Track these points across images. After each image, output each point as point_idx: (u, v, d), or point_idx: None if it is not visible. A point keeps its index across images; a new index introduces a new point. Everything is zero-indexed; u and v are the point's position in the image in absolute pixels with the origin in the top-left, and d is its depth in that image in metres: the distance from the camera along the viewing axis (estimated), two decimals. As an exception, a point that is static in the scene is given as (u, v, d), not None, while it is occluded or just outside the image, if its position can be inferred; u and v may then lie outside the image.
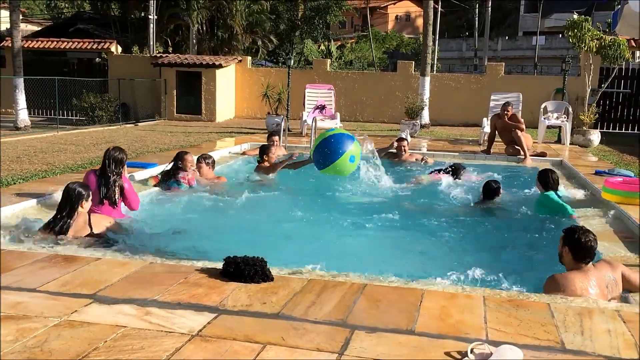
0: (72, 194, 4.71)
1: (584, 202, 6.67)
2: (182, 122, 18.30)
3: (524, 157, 10.01)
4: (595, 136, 12.93)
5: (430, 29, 17.55)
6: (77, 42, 20.96)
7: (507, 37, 45.23)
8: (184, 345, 2.69)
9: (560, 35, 36.45)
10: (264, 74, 19.91)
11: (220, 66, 18.95)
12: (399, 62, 20.55)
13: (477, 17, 39.64)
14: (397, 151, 9.45)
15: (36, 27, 32.92)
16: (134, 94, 19.11)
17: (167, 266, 3.86)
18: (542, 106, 13.67)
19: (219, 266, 3.72)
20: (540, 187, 6.24)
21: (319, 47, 33.00)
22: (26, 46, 19.57)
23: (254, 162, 9.31)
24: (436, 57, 30.56)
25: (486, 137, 11.61)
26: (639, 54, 18.85)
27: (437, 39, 34.18)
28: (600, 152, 11.89)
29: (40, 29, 30.14)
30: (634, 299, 3.57)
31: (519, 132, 10.20)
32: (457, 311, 3.16)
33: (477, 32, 40.62)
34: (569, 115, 13.06)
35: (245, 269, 3.53)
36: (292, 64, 15.92)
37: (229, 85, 19.88)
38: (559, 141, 13.21)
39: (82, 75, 19.11)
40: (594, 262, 3.74)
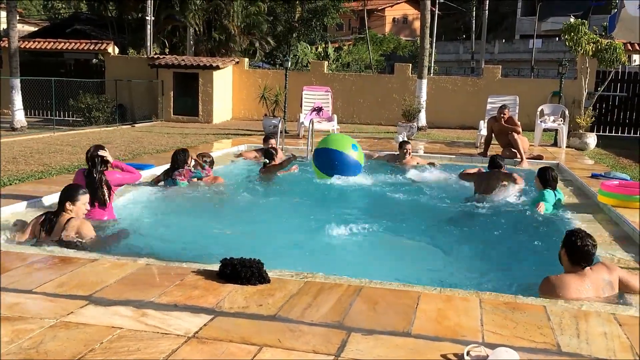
0: (62, 192, 4.69)
1: (580, 205, 6.69)
2: (179, 123, 18.28)
3: (520, 160, 10.03)
4: (591, 139, 12.97)
5: (427, 31, 17.58)
6: (74, 43, 20.93)
7: (504, 40, 45.36)
8: (180, 347, 2.68)
9: (557, 38, 36.61)
10: (261, 76, 19.91)
11: (217, 68, 18.95)
12: (396, 65, 20.59)
13: (474, 20, 39.78)
14: (399, 155, 9.50)
15: (33, 28, 32.91)
16: (131, 95, 19.09)
17: (164, 268, 3.85)
18: (539, 109, 13.71)
19: (216, 268, 3.71)
20: (539, 184, 6.27)
21: (316, 49, 33.00)
22: (23, 47, 19.53)
23: (252, 164, 9.33)
24: (433, 59, 30.59)
25: (483, 140, 11.63)
26: (635, 57, 18.93)
27: (434, 41, 34.19)
28: (596, 155, 11.92)
29: (37, 29, 30.13)
30: (634, 301, 3.58)
31: (516, 135, 10.23)
32: (453, 313, 3.17)
33: (474, 35, 40.76)
34: (566, 118, 13.09)
35: (241, 271, 3.53)
36: (289, 65, 15.94)
37: (226, 86, 19.87)
38: (555, 144, 13.24)
39: (79, 76, 19.07)
40: (592, 265, 3.74)
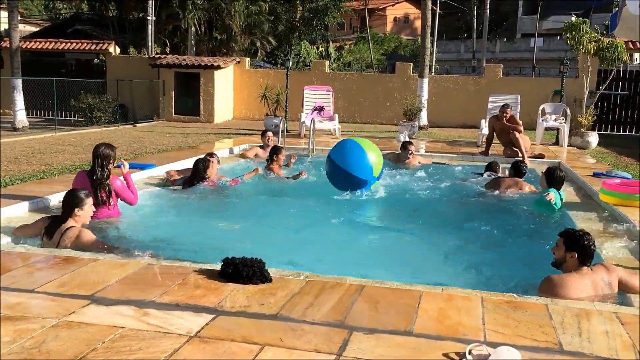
0: (67, 200, 4.67)
1: (582, 204, 6.68)
2: (180, 123, 18.29)
3: (521, 158, 10.02)
4: (593, 138, 12.95)
5: (428, 30, 17.57)
6: (75, 43, 20.94)
7: (505, 39, 45.33)
8: (182, 346, 2.69)
9: (558, 37, 36.59)
10: (263, 75, 19.91)
11: (218, 67, 18.95)
12: (397, 64, 20.57)
13: (475, 19, 39.73)
14: (402, 154, 9.54)
15: (34, 28, 32.91)
16: (132, 95, 19.10)
17: (165, 267, 3.86)
18: (540, 108, 13.69)
19: (217, 267, 3.71)
20: (544, 182, 6.25)
21: (317, 48, 32.98)
22: (24, 47, 19.54)
23: (251, 162, 9.35)
24: (434, 58, 30.57)
25: (484, 139, 11.62)
26: (636, 56, 18.90)
27: (436, 40, 34.21)
28: (598, 154, 11.91)
29: (38, 29, 30.13)
30: (635, 299, 3.58)
31: (517, 134, 10.22)
32: (455, 312, 3.17)
33: (475, 34, 40.72)
34: (567, 117, 13.07)
35: (243, 270, 3.53)
36: (290, 65, 15.94)
37: (227, 86, 19.87)
38: (556, 143, 13.23)
39: (80, 76, 19.08)
40: (592, 266, 3.75)
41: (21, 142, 12.22)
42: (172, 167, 8.15)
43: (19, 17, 18.75)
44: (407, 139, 11.31)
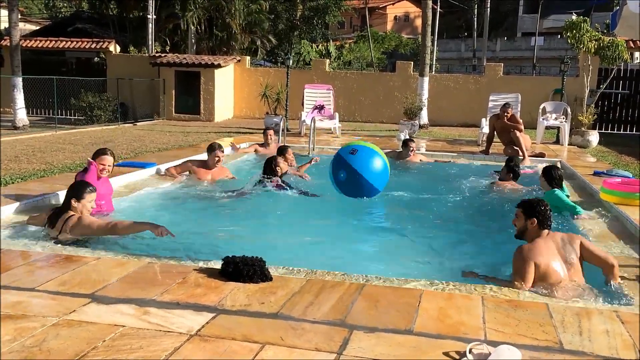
0: (69, 189, 4.73)
1: (583, 203, 6.67)
2: (180, 121, 18.28)
3: (522, 157, 10.01)
4: (593, 137, 12.94)
5: (429, 29, 17.56)
6: (75, 42, 20.93)
7: (505, 37, 45.28)
8: (182, 345, 2.69)
9: (559, 36, 36.54)
10: (263, 74, 19.90)
11: (219, 66, 18.94)
12: (397, 63, 20.56)
13: (475, 18, 39.69)
14: (403, 152, 9.56)
15: (34, 27, 32.91)
16: (132, 93, 19.09)
17: (166, 266, 3.86)
18: (541, 107, 13.68)
19: (218, 266, 3.72)
20: (545, 184, 6.23)
21: (318, 47, 32.99)
22: (24, 45, 19.53)
23: (253, 160, 9.35)
24: (435, 57, 30.56)
25: (485, 138, 11.62)
26: (637, 55, 18.88)
27: (436, 39, 34.19)
28: (598, 153, 11.90)
29: (38, 28, 30.12)
30: (635, 299, 3.58)
31: (518, 133, 10.21)
32: (455, 311, 3.17)
33: (475, 33, 40.67)
34: (568, 116, 13.06)
35: (244, 269, 3.53)
36: (290, 64, 15.93)
37: (228, 85, 19.87)
38: (557, 142, 13.22)
39: (81, 74, 19.07)
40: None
41: (21, 141, 12.22)
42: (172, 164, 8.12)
43: (19, 16, 18.74)
44: (409, 137, 11.31)
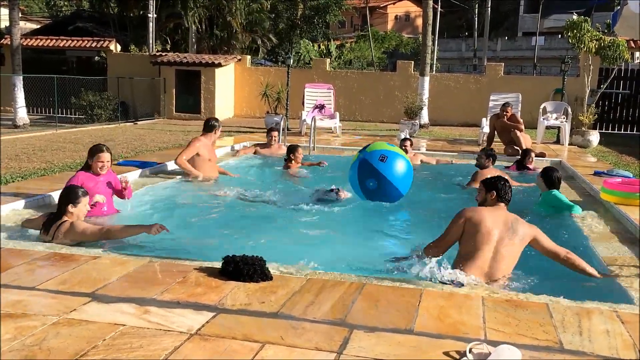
0: (62, 195, 4.68)
1: (583, 203, 6.67)
2: (181, 120, 18.28)
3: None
4: (594, 137, 12.94)
5: (429, 29, 17.55)
6: (76, 41, 20.93)
7: (506, 37, 45.24)
8: (182, 344, 2.69)
9: (559, 35, 36.52)
10: (263, 73, 19.90)
11: (219, 65, 18.94)
12: (398, 62, 20.55)
13: (476, 18, 39.64)
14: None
15: (35, 25, 32.85)
16: (133, 92, 19.09)
17: (166, 265, 3.86)
18: (541, 107, 13.68)
19: (218, 265, 3.72)
20: (543, 185, 6.23)
21: (319, 46, 32.98)
22: (25, 44, 19.52)
23: (253, 159, 9.36)
24: (435, 57, 30.56)
25: (485, 137, 11.63)
26: (638, 54, 18.86)
27: (437, 39, 34.18)
28: (599, 153, 11.90)
29: (39, 27, 30.10)
30: (635, 299, 3.58)
31: (518, 133, 10.22)
32: (455, 311, 3.17)
33: (476, 32, 40.62)
34: (568, 115, 13.06)
35: (244, 268, 3.53)
36: (291, 63, 15.92)
37: (228, 84, 19.87)
38: (557, 142, 13.22)
39: (81, 73, 19.09)
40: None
41: (22, 140, 12.22)
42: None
43: (20, 15, 18.74)
44: (408, 137, 11.30)
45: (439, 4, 33.71)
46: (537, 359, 2.64)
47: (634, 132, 17.46)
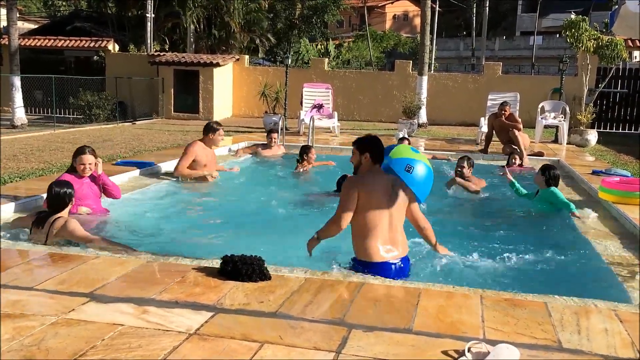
0: (60, 191, 4.62)
1: (581, 202, 6.68)
2: (179, 120, 18.27)
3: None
4: (592, 136, 12.95)
5: (427, 28, 17.55)
6: (74, 41, 20.91)
7: (504, 37, 45.29)
8: (181, 343, 2.69)
9: (557, 35, 36.55)
10: (262, 73, 19.90)
11: (217, 65, 18.93)
12: (396, 62, 20.56)
13: (474, 17, 39.71)
14: None
15: (33, 25, 32.84)
16: (131, 92, 19.07)
17: (165, 265, 3.86)
18: (540, 106, 13.70)
19: (217, 265, 3.71)
20: (542, 182, 6.25)
21: (317, 46, 32.97)
22: (23, 44, 19.51)
23: (254, 159, 9.36)
24: (434, 56, 30.54)
25: (483, 137, 11.63)
26: (636, 54, 18.89)
27: (435, 38, 34.14)
28: (597, 152, 11.91)
29: (37, 27, 30.08)
30: (634, 298, 3.59)
31: (516, 132, 10.22)
32: (454, 310, 3.17)
33: (474, 32, 40.70)
34: (566, 115, 13.08)
35: (242, 268, 3.53)
36: (289, 62, 15.92)
37: (227, 83, 19.86)
38: (556, 141, 13.24)
39: (79, 73, 19.07)
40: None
41: (20, 140, 12.21)
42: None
43: (18, 15, 18.71)
44: (406, 136, 11.31)
45: (437, 3, 33.72)
46: (535, 358, 2.64)
47: (632, 131, 17.48)
